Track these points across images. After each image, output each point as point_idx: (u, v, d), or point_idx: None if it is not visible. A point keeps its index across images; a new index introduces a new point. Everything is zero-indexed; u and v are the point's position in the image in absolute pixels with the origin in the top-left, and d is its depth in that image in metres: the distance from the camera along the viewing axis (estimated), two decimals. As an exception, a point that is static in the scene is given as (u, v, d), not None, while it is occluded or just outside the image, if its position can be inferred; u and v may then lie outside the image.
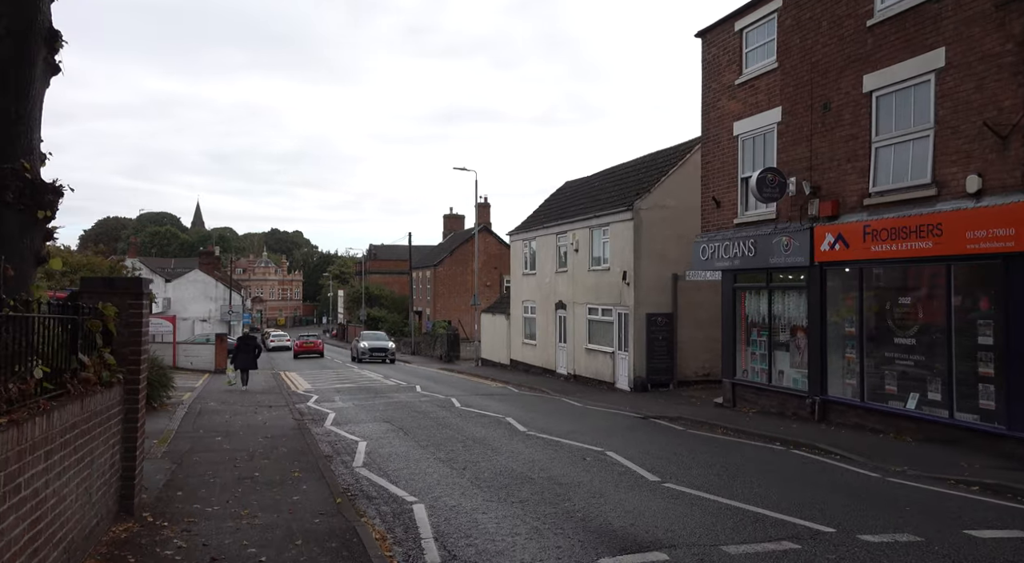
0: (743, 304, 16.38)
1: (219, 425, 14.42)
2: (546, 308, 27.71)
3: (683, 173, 21.65)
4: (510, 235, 31.85)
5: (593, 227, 23.97)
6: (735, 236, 15.97)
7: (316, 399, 20.06)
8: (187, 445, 11.87)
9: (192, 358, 33.94)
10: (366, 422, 14.99)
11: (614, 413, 16.69)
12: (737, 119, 16.19)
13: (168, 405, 16.88)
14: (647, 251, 21.32)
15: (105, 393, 6.23)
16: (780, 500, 7.97)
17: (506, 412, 16.19)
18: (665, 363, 21.30)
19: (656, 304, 21.33)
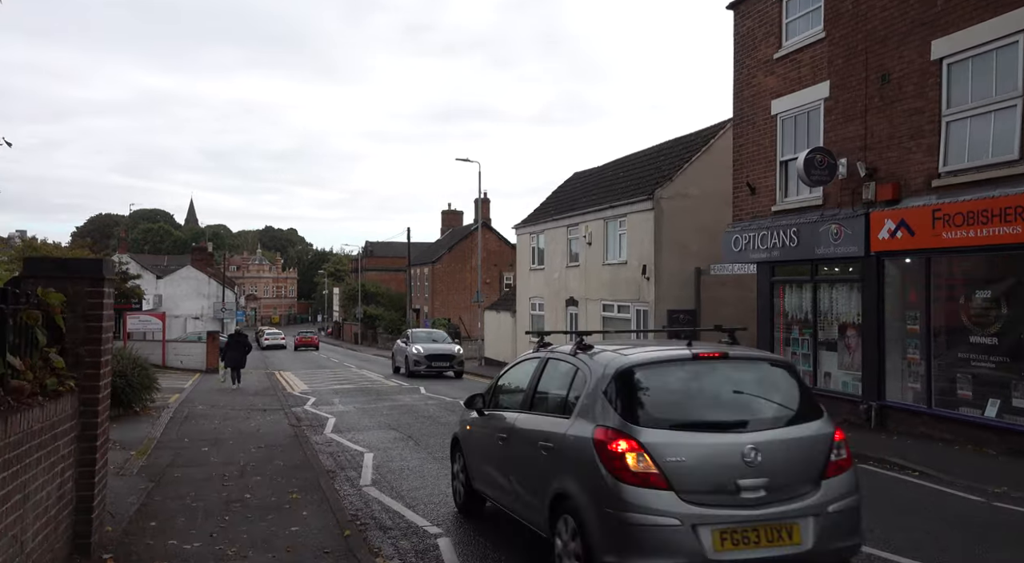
0: (782, 299, 15.00)
1: (207, 432, 12.97)
2: (555, 305, 26.31)
3: (706, 160, 20.27)
4: (516, 228, 30.44)
5: (608, 219, 22.58)
6: (773, 225, 14.59)
7: (314, 402, 18.62)
8: (169, 457, 10.42)
9: (182, 357, 32.45)
10: (370, 429, 13.56)
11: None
12: (776, 97, 14.80)
13: (152, 409, 15.42)
14: (668, 243, 19.93)
15: (49, 406, 4.80)
16: (885, 533, 6.59)
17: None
18: (687, 363, 19.89)
19: (678, 300, 19.95)
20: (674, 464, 4.65)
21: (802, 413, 5.16)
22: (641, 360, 5.26)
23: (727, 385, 5.32)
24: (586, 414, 5.14)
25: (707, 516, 4.55)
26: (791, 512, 4.68)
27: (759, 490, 4.65)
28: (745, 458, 4.67)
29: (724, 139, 20.25)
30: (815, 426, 5.07)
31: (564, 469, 5.15)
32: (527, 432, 5.88)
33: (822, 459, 4.90)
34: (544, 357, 6.31)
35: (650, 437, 4.74)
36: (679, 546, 4.50)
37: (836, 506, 4.79)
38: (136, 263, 53.35)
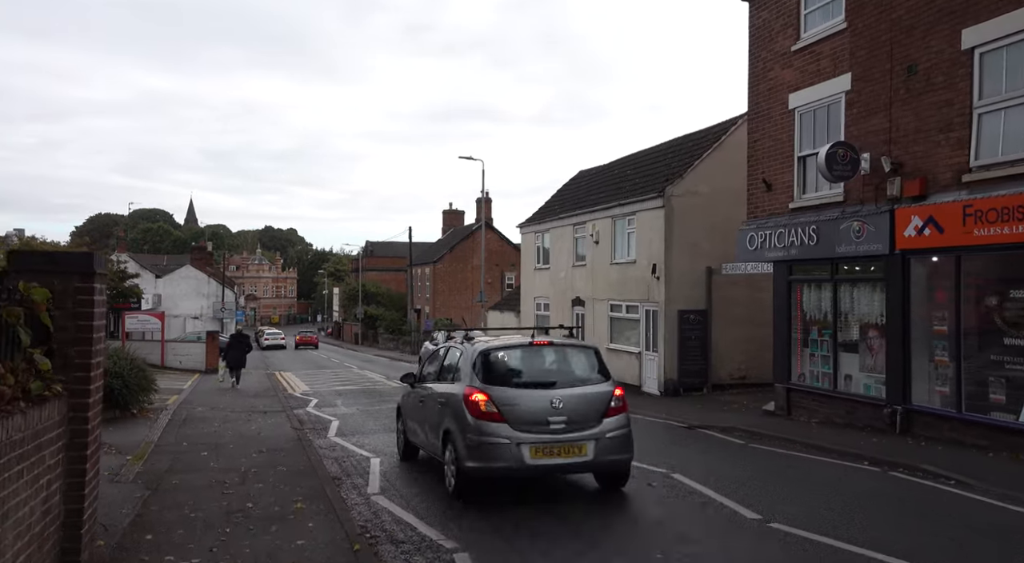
0: (799, 299, 14.55)
1: (207, 436, 12.52)
2: (561, 305, 25.85)
3: (718, 157, 19.82)
4: (520, 227, 29.98)
5: (616, 217, 22.12)
6: (791, 222, 14.14)
7: (316, 403, 18.17)
8: (167, 463, 9.97)
9: (181, 357, 32.00)
10: (376, 432, 13.11)
11: (653, 421, 14.86)
12: (793, 90, 14.36)
13: (150, 411, 14.96)
14: (679, 242, 19.48)
15: (33, 412, 4.35)
16: (934, 552, 6.14)
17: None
18: (698, 365, 19.47)
19: (688, 300, 19.50)
20: (508, 408, 7.55)
21: (595, 379, 8.15)
22: (495, 346, 8.35)
23: (548, 361, 8.47)
24: (462, 379, 8.09)
25: (527, 438, 7.43)
26: (581, 437, 7.57)
27: (561, 423, 7.55)
28: (552, 404, 7.61)
29: (737, 135, 19.81)
30: (602, 386, 8.04)
31: (449, 414, 8.06)
32: (434, 395, 8.79)
33: (604, 406, 7.81)
34: (448, 346, 9.22)
35: (495, 392, 7.64)
36: (509, 455, 7.40)
37: (611, 434, 7.72)
38: (135, 262, 52.89)
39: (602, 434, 7.66)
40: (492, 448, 7.41)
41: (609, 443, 7.68)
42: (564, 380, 8.04)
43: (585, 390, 7.90)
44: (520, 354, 8.33)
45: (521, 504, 7.74)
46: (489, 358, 8.08)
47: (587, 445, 7.58)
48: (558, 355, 8.50)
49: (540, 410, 7.55)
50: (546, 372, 8.26)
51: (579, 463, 7.63)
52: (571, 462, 7.58)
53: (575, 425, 7.58)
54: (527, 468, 7.45)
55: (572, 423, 7.57)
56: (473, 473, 7.55)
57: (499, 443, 7.41)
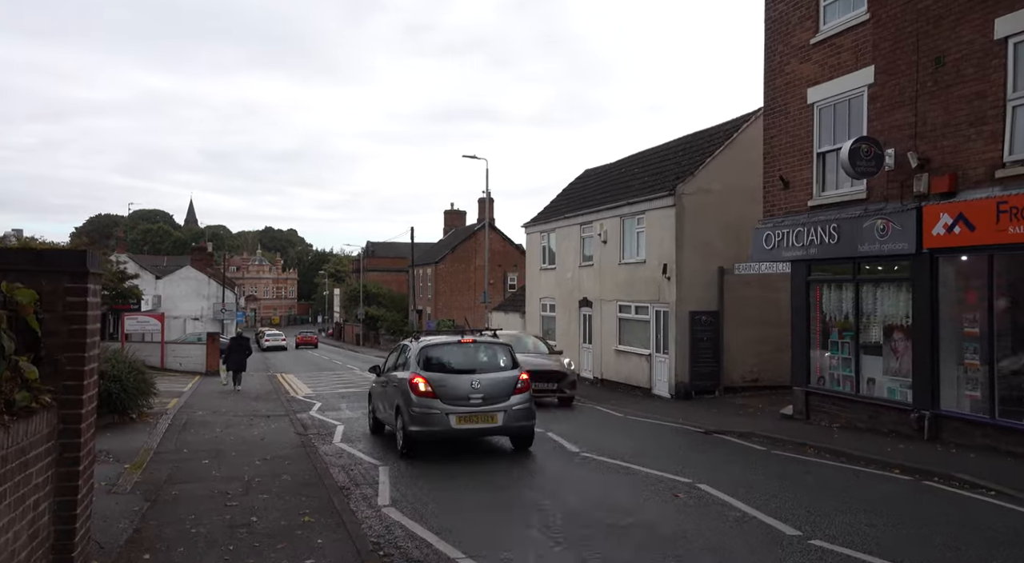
0: (818, 300, 14.12)
1: (208, 442, 12.09)
2: (568, 306, 25.42)
3: (730, 154, 19.40)
4: (525, 227, 29.55)
5: (625, 216, 21.69)
6: (810, 221, 13.72)
7: (319, 407, 17.73)
8: (166, 471, 9.53)
9: (182, 359, 31.53)
10: (383, 437, 12.65)
11: (667, 426, 14.42)
12: (812, 85, 13.93)
13: (149, 416, 14.52)
14: (690, 241, 19.05)
15: (17, 426, 3.91)
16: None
17: (542, 426, 13.87)
18: (710, 367, 19.03)
19: (700, 301, 19.07)
20: (440, 388, 10.10)
21: (506, 367, 10.78)
22: (433, 342, 11.18)
23: (471, 354, 11.03)
24: (409, 367, 10.64)
25: (453, 410, 9.99)
26: (494, 409, 10.08)
27: (479, 399, 10.08)
28: (472, 386, 10.16)
29: (749, 132, 19.40)
30: (512, 372, 10.65)
31: (400, 394, 10.56)
32: (392, 380, 11.32)
33: (512, 386, 10.36)
34: (405, 343, 12.05)
35: (431, 376, 10.23)
36: (440, 422, 9.95)
37: (517, 407, 10.24)
38: (135, 263, 52.48)
39: (510, 407, 10.32)
40: (428, 417, 10.13)
41: (516, 413, 10.37)
42: (483, 368, 10.83)
43: (498, 375, 10.68)
44: (451, 349, 11.14)
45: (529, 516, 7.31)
46: (428, 352, 10.92)
47: (498, 415, 10.27)
48: (479, 349, 11.27)
49: (463, 389, 10.28)
50: (469, 362, 10.97)
51: (493, 428, 10.40)
52: (487, 427, 10.36)
53: (490, 400, 10.27)
54: (454, 431, 10.23)
55: (487, 399, 10.27)
56: (415, 436, 10.27)
57: (433, 413, 10.12)
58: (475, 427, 10.28)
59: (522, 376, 10.61)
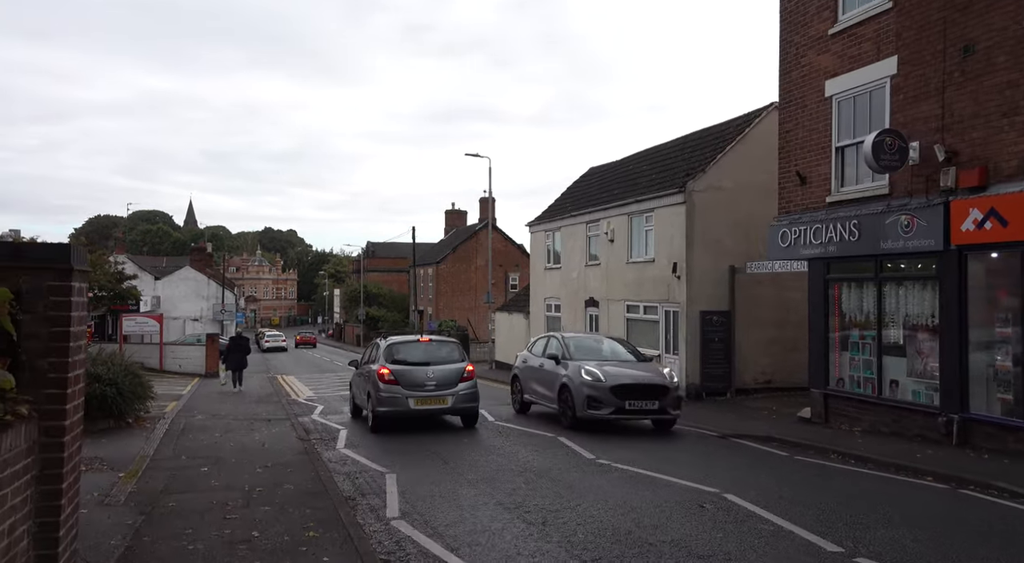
0: (837, 299, 13.68)
1: (206, 448, 11.62)
2: (574, 306, 24.97)
3: (741, 151, 18.95)
4: (529, 226, 29.10)
5: (633, 214, 21.25)
6: (828, 218, 13.28)
7: (321, 410, 17.27)
8: (163, 481, 9.07)
9: (181, 360, 31.09)
10: (389, 443, 12.20)
11: (680, 429, 13.97)
12: (830, 77, 13.49)
13: (146, 420, 14.06)
14: (701, 239, 18.60)
15: (-10, 443, 3.47)
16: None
17: (553, 430, 13.43)
18: (722, 368, 18.59)
19: (711, 300, 18.62)
20: (401, 376, 12.54)
21: (456, 360, 13.28)
22: (398, 341, 13.79)
23: (428, 350, 13.44)
24: (378, 360, 13.08)
25: (412, 394, 12.52)
26: (444, 393, 12.64)
27: (432, 386, 12.60)
28: (428, 375, 12.65)
29: (761, 127, 18.96)
30: (460, 364, 13.17)
31: (371, 381, 12.94)
32: (365, 371, 13.84)
33: (460, 375, 12.89)
34: (376, 342, 14.38)
35: (394, 367, 12.64)
36: (402, 404, 12.48)
37: (464, 392, 12.82)
38: (133, 263, 52.04)
39: (458, 392, 12.97)
40: (392, 400, 12.70)
41: (463, 397, 13.03)
42: (436, 360, 13.29)
43: (449, 367, 13.18)
44: (412, 346, 13.78)
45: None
46: (393, 348, 13.53)
47: (448, 398, 12.91)
48: (435, 346, 13.89)
49: (420, 378, 12.88)
50: (426, 356, 13.38)
51: (444, 409, 13.07)
52: (439, 408, 13.02)
53: (442, 386, 12.89)
54: (412, 411, 12.82)
55: (440, 386, 12.88)
56: (382, 414, 12.84)
57: (396, 397, 12.70)
58: (430, 408, 13.02)
59: (468, 368, 13.47)
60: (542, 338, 15.94)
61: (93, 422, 12.67)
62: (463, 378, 13.12)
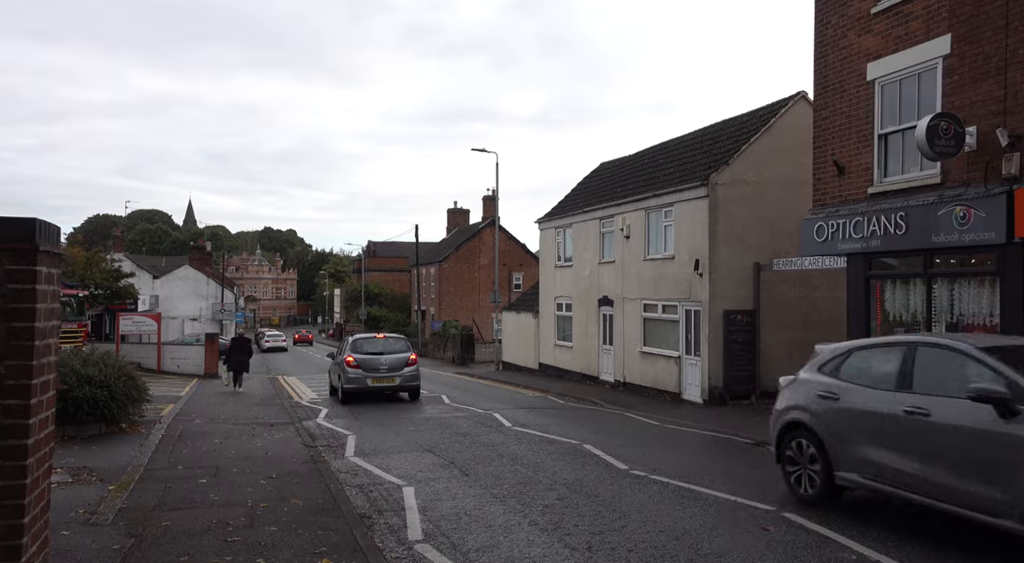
0: (879, 298, 12.81)
1: (205, 456, 10.75)
2: (586, 305, 24.11)
3: (766, 142, 18.08)
4: (539, 223, 28.24)
5: (650, 209, 20.38)
6: (870, 210, 12.41)
7: (326, 414, 16.39)
8: (156, 495, 8.20)
9: (179, 361, 30.18)
10: (401, 451, 11.35)
11: (712, 436, 13.12)
12: (873, 59, 12.63)
13: (141, 425, 13.18)
14: (724, 235, 17.74)
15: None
16: None
17: (577, 436, 12.58)
18: (746, 370, 17.72)
19: (734, 299, 17.76)
20: (362, 363, 17.48)
21: (403, 351, 18.18)
22: (361, 337, 19.20)
23: (382, 343, 18.33)
24: (345, 352, 17.92)
25: (369, 375, 17.47)
26: (393, 375, 17.62)
27: (385, 369, 17.51)
28: (381, 362, 17.58)
29: (788, 118, 18.11)
30: (406, 354, 18.12)
31: (340, 367, 17.89)
32: (336, 362, 18.83)
33: (406, 362, 17.83)
34: (347, 338, 19.31)
35: (357, 356, 17.53)
36: (362, 382, 17.45)
37: (408, 373, 17.85)
38: (132, 262, 51.15)
39: (404, 374, 17.63)
40: (355, 379, 17.28)
41: (407, 377, 17.69)
42: (388, 351, 17.82)
43: (397, 355, 17.75)
44: (371, 340, 18.50)
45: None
46: (356, 342, 18.24)
47: (397, 378, 17.54)
48: (388, 341, 18.53)
49: (375, 363, 17.41)
50: (381, 348, 17.94)
51: (393, 386, 17.72)
52: (389, 386, 17.63)
53: (392, 370, 17.49)
54: (369, 388, 17.35)
55: (390, 369, 17.46)
56: (348, 390, 17.45)
57: (358, 378, 17.27)
58: (383, 385, 17.73)
59: (412, 356, 18.21)
60: (876, 347, 7.71)
61: (83, 427, 11.81)
62: (408, 364, 18.04)
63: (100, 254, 35.66)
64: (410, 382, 18.06)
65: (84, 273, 31.93)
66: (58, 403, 11.16)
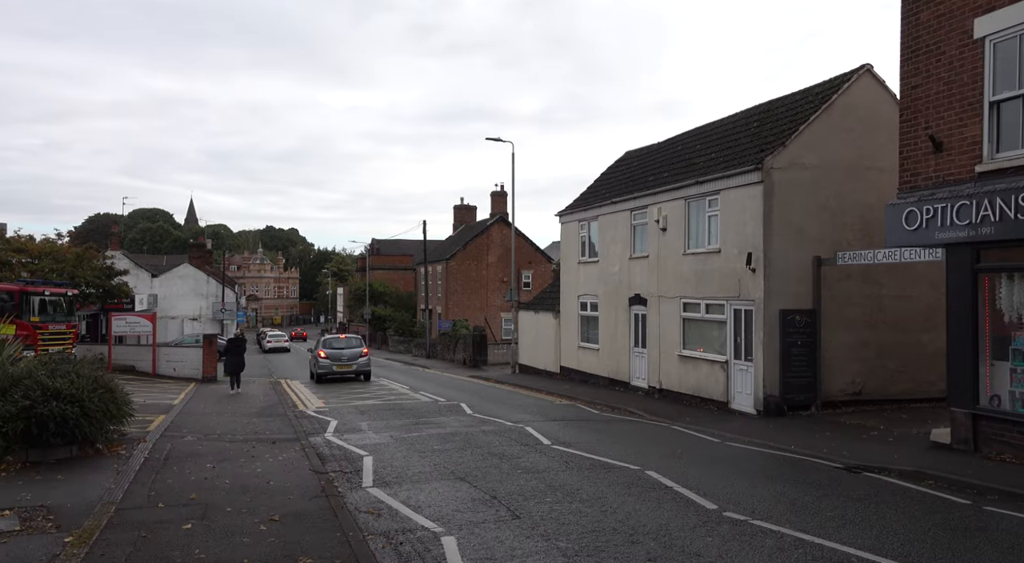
0: (987, 294, 10.90)
1: (194, 487, 8.87)
2: (615, 303, 22.20)
3: (826, 122, 16.14)
4: (560, 216, 26.31)
5: (691, 198, 18.47)
6: (980, 191, 10.51)
7: (336, 427, 14.51)
8: (125, 551, 6.32)
9: (175, 363, 28.29)
10: (430, 479, 9.45)
11: (788, 457, 11.23)
12: (981, 12, 10.71)
13: (120, 445, 11.29)
14: (781, 226, 15.81)
15: None
16: None
17: (633, 458, 10.69)
18: (805, 377, 15.79)
19: (792, 297, 15.83)
20: (329, 355, 25.76)
21: (358, 346, 26.68)
22: (329, 336, 28.76)
23: (346, 342, 26.91)
24: (319, 346, 26.61)
25: (335, 364, 25.73)
26: (353, 363, 25.87)
27: (346, 359, 25.84)
28: (344, 353, 25.98)
29: (851, 95, 16.21)
30: (360, 348, 26.53)
31: (315, 358, 26.57)
32: (312, 354, 27.84)
33: (360, 354, 26.13)
34: (320, 337, 30.09)
35: (326, 349, 26.02)
36: (328, 368, 25.67)
37: (361, 361, 26.01)
38: (128, 259, 49.29)
39: (359, 363, 25.60)
40: (324, 367, 25.38)
41: (361, 364, 25.61)
42: (348, 347, 25.89)
43: (354, 349, 25.82)
44: (336, 339, 27.01)
45: None
46: (326, 340, 26.86)
47: (354, 365, 25.47)
48: (349, 339, 26.83)
49: (339, 355, 25.48)
50: (343, 345, 26.08)
51: (352, 371, 25.52)
52: (349, 371, 25.48)
53: (351, 359, 25.49)
54: (334, 372, 25.39)
55: (349, 359, 25.47)
56: (319, 374, 25.52)
57: (327, 365, 25.31)
58: (345, 371, 25.34)
59: (364, 350, 25.95)
60: None
61: (49, 451, 9.94)
62: (361, 355, 25.81)
63: (92, 250, 33.70)
64: (363, 368, 25.96)
65: (74, 270, 30.02)
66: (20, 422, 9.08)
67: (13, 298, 24.32)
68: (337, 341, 26.74)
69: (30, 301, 25.08)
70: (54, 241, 31.83)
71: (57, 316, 26.39)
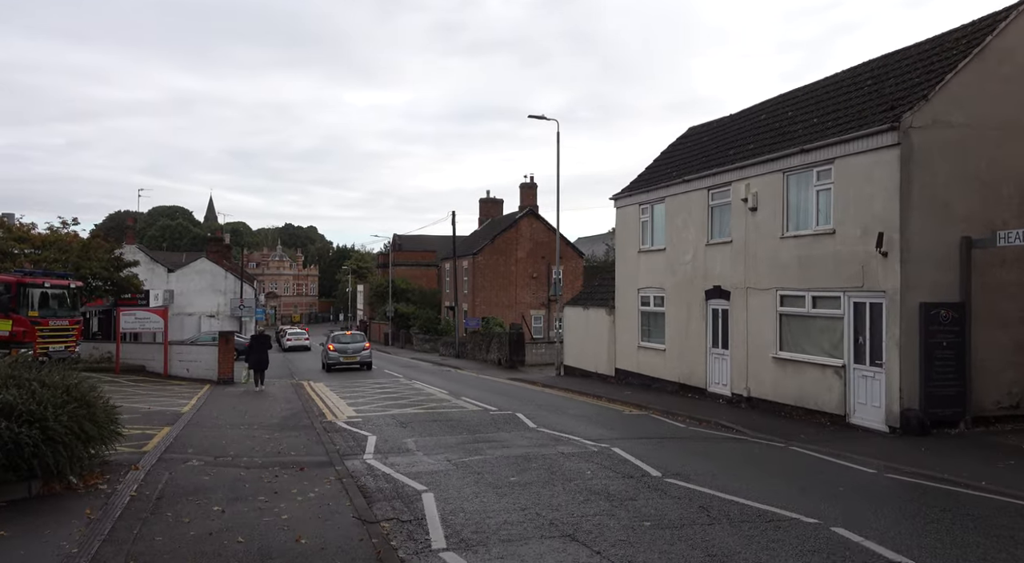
0: None
1: (190, 552, 6.08)
2: (687, 297, 19.24)
3: (977, 71, 13.10)
4: (615, 200, 23.38)
5: (790, 170, 15.49)
6: None
7: (376, 445, 11.72)
8: None
9: (188, 363, 25.76)
10: (526, 537, 6.59)
11: (982, 499, 8.32)
12: None
13: (101, 477, 8.53)
14: (921, 200, 12.81)
15: None
16: None
17: (787, 502, 7.80)
18: (953, 386, 12.78)
19: (935, 287, 12.84)
20: (337, 348, 31.77)
21: (361, 340, 33.13)
22: (335, 334, 35.50)
23: (351, 337, 33.74)
24: (329, 342, 33.12)
25: (342, 355, 31.35)
26: (357, 355, 31.65)
27: (352, 352, 31.62)
28: (350, 347, 31.93)
29: (1008, 37, 13.16)
30: (363, 343, 32.82)
31: (325, 352, 32.88)
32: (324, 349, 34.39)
33: (363, 348, 32.10)
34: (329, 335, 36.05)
35: (335, 343, 32.22)
36: (337, 360, 31.32)
37: (364, 353, 31.89)
38: (144, 254, 47.04)
39: (361, 355, 31.41)
40: (333, 358, 31.11)
41: (364, 356, 31.49)
42: (353, 342, 32.21)
43: (358, 344, 32.09)
44: (343, 335, 33.83)
45: None
46: (334, 336, 33.26)
47: (357, 357, 31.32)
48: (354, 335, 33.83)
49: (346, 348, 31.45)
50: (349, 340, 32.52)
51: (356, 362, 31.21)
52: (353, 362, 31.13)
53: (355, 352, 31.40)
54: (341, 363, 30.88)
55: (354, 352, 31.37)
56: (328, 364, 31.15)
57: (335, 357, 31.10)
58: (350, 362, 30.86)
59: (366, 344, 32.18)
60: None
61: (1, 488, 7.22)
62: (363, 349, 31.29)
63: (99, 240, 31.28)
64: (365, 359, 31.12)
65: (80, 261, 27.54)
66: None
67: (9, 290, 21.78)
68: (343, 337, 32.89)
69: (28, 294, 22.53)
70: (58, 230, 29.30)
71: (59, 311, 23.86)
